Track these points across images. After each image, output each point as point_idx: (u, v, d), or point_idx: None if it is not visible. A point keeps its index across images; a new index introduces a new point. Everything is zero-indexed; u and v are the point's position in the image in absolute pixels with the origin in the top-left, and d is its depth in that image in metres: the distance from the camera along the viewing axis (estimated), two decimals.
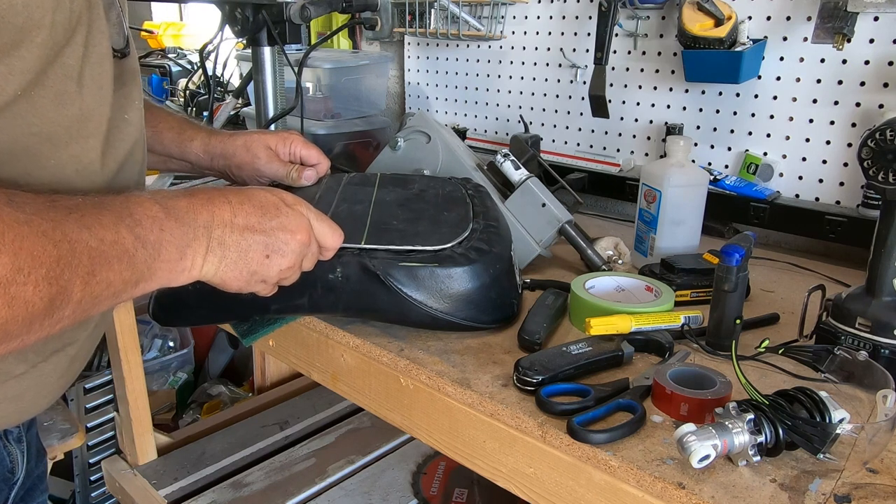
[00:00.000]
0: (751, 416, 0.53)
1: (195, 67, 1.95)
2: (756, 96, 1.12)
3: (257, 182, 0.92)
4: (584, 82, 1.32)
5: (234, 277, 0.59)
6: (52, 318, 0.45)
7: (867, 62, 1.00)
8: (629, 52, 1.26)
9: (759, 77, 1.11)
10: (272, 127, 1.26)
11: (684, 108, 1.22)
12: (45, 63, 0.50)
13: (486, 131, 1.54)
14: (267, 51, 1.26)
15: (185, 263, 0.54)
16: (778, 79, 1.09)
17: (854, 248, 1.03)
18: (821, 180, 1.08)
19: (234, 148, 0.90)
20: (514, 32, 1.43)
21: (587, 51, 1.31)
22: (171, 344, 1.92)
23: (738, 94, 1.14)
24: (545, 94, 1.41)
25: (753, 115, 1.13)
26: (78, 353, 0.64)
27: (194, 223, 0.55)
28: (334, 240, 0.67)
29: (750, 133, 1.15)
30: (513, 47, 1.44)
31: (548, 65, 1.39)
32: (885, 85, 0.99)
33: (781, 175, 1.12)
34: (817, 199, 1.09)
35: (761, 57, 1.10)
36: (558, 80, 1.38)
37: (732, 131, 1.17)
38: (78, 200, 0.48)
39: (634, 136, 1.30)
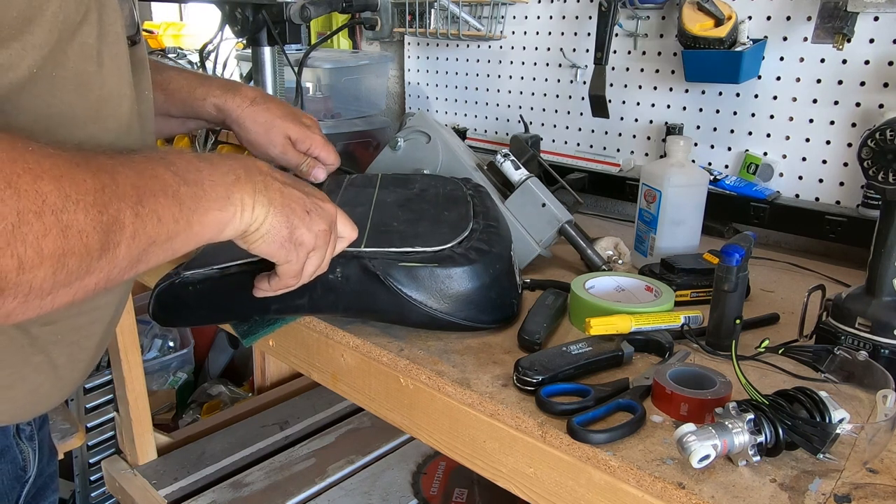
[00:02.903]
0: (751, 416, 0.53)
1: (195, 67, 1.95)
2: (756, 96, 1.12)
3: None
4: (584, 82, 1.32)
5: (281, 225, 0.56)
6: (109, 256, 0.43)
7: (867, 62, 1.00)
8: (629, 52, 1.26)
9: (759, 77, 1.11)
10: None
11: (684, 108, 1.22)
12: (60, 40, 0.49)
13: (486, 131, 1.54)
14: (267, 51, 1.26)
15: (235, 203, 0.53)
16: (778, 79, 1.09)
17: (854, 248, 1.03)
18: (821, 180, 1.08)
19: (252, 124, 0.87)
20: (514, 32, 1.43)
21: (587, 51, 1.31)
22: (171, 344, 1.93)
23: (738, 94, 1.14)
24: (545, 94, 1.41)
25: (753, 115, 1.13)
26: (92, 346, 0.64)
27: (232, 165, 0.54)
28: (351, 230, 0.66)
29: (750, 133, 1.15)
30: (513, 47, 1.44)
31: (548, 65, 1.39)
32: (885, 85, 0.99)
33: (781, 175, 1.12)
34: (817, 199, 1.09)
35: (761, 57, 1.10)
36: (558, 80, 1.38)
37: (732, 131, 1.17)
38: (103, 148, 0.47)
39: (634, 136, 1.30)
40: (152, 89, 0.84)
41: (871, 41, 0.99)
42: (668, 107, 1.23)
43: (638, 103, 1.27)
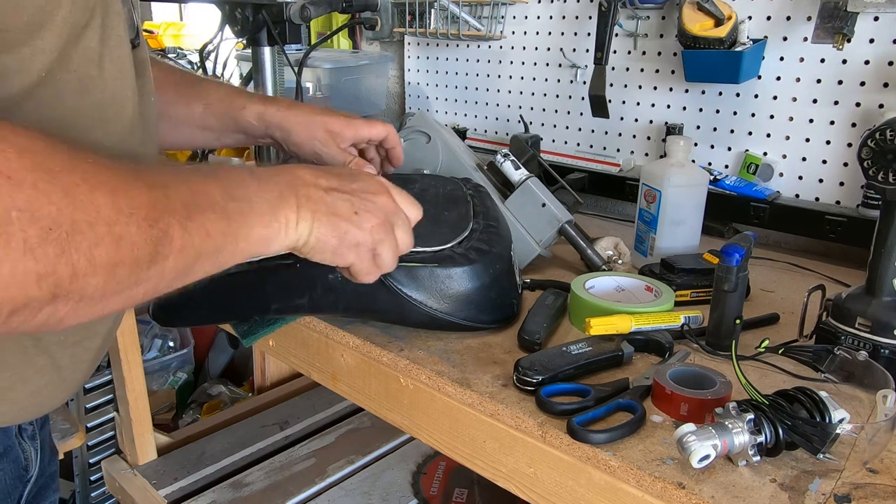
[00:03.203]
0: (751, 416, 0.53)
1: (195, 67, 1.95)
2: (756, 96, 1.12)
3: (314, 163, 0.89)
4: (584, 82, 1.32)
5: (329, 235, 0.57)
6: (157, 268, 0.44)
7: (867, 62, 1.00)
8: (629, 52, 1.26)
9: (759, 77, 1.11)
10: None
11: (684, 108, 1.22)
12: (67, 43, 0.49)
13: (486, 131, 1.54)
14: (267, 51, 1.26)
15: (280, 220, 0.54)
16: (778, 79, 1.09)
17: (854, 248, 1.03)
18: (821, 180, 1.08)
19: (294, 125, 0.87)
20: (514, 32, 1.43)
21: (587, 51, 1.31)
22: (171, 344, 1.93)
23: (738, 94, 1.14)
24: (545, 94, 1.41)
25: (753, 115, 1.14)
26: (95, 347, 0.64)
27: (277, 182, 0.54)
28: (415, 211, 0.65)
29: (750, 133, 1.15)
30: (513, 47, 1.44)
31: (548, 65, 1.39)
32: (885, 85, 0.99)
33: (781, 175, 1.12)
34: (817, 199, 1.09)
35: (761, 57, 1.10)
36: (558, 80, 1.38)
37: (732, 131, 1.17)
38: (153, 162, 0.48)
39: (634, 136, 1.30)
40: (192, 102, 0.85)
41: (871, 41, 0.99)
42: (668, 107, 1.23)
43: (638, 103, 1.27)
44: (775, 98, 1.10)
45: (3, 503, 0.64)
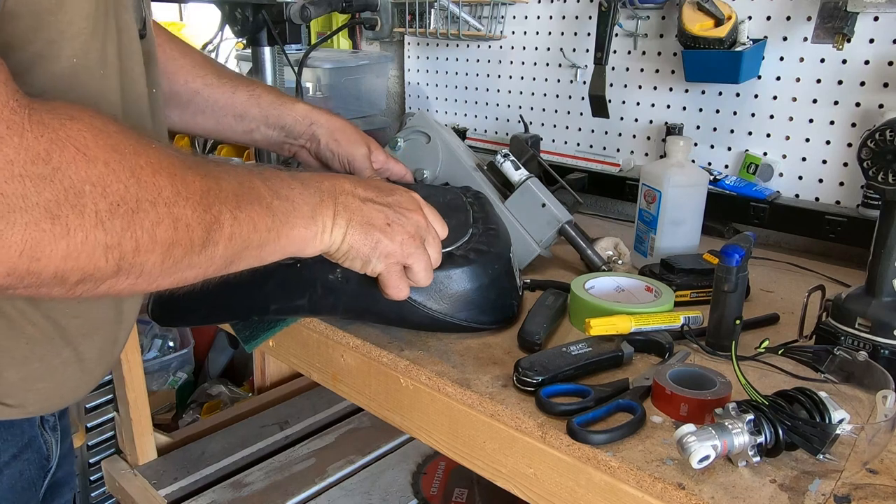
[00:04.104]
0: (750, 416, 0.53)
1: None
2: (756, 96, 1.12)
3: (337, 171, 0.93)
4: (584, 82, 1.32)
5: (361, 243, 0.60)
6: (208, 252, 0.47)
7: (867, 62, 1.00)
8: (629, 52, 1.26)
9: (759, 77, 1.11)
10: None
11: (684, 108, 1.22)
12: (95, 31, 0.51)
13: (486, 131, 1.54)
14: (267, 51, 1.26)
15: (318, 224, 0.57)
16: (778, 79, 1.09)
17: (854, 248, 1.03)
18: (821, 180, 1.08)
19: (337, 129, 0.92)
20: (514, 32, 1.43)
21: (587, 51, 1.31)
22: (171, 344, 1.93)
23: (738, 94, 1.14)
24: (545, 94, 1.41)
25: (753, 115, 1.13)
26: (116, 339, 0.65)
27: (318, 187, 0.58)
28: (443, 229, 0.69)
29: (750, 133, 1.15)
30: (513, 47, 1.44)
31: (548, 65, 1.39)
32: (885, 85, 0.99)
33: (781, 175, 1.12)
34: (817, 199, 1.09)
35: (761, 57, 1.10)
36: (558, 80, 1.38)
37: (732, 131, 1.17)
38: (207, 156, 0.51)
39: (634, 136, 1.30)
40: (238, 88, 0.89)
41: (871, 41, 0.99)
42: (668, 107, 1.23)
43: (638, 103, 1.27)
44: (775, 98, 1.10)
45: (28, 492, 0.66)
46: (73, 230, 0.39)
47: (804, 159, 1.09)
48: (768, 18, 1.08)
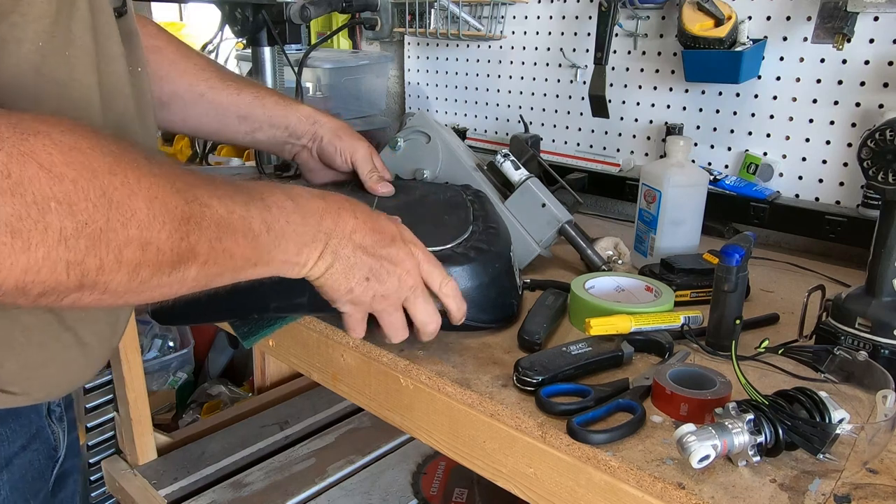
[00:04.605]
0: (750, 416, 0.53)
1: None
2: (756, 96, 1.12)
3: (335, 169, 0.95)
4: (584, 82, 1.32)
5: (337, 285, 0.60)
6: (177, 275, 0.47)
7: (867, 62, 1.00)
8: (629, 52, 1.26)
9: (759, 77, 1.11)
10: None
11: (684, 108, 1.22)
12: (60, 12, 0.50)
13: (486, 131, 1.54)
14: (267, 51, 1.26)
15: (301, 260, 0.57)
16: (778, 79, 1.09)
17: (854, 248, 1.03)
18: (821, 180, 1.08)
19: (340, 130, 0.94)
20: (514, 32, 1.43)
21: (587, 51, 1.31)
22: (171, 344, 1.93)
23: (738, 94, 1.14)
24: (545, 94, 1.41)
25: (753, 115, 1.13)
26: (116, 322, 0.66)
27: (318, 227, 0.58)
28: (444, 281, 0.67)
29: (750, 133, 1.15)
30: (513, 47, 1.44)
31: (548, 65, 1.39)
32: (885, 85, 0.99)
33: (781, 175, 1.12)
34: (817, 199, 1.09)
35: (761, 57, 1.10)
36: (558, 80, 1.38)
37: (732, 131, 1.17)
38: (213, 175, 0.51)
39: (634, 136, 1.30)
40: (243, 89, 0.89)
41: (871, 41, 0.99)
42: (668, 107, 1.23)
43: (638, 103, 1.27)
44: (775, 98, 1.10)
45: (38, 482, 0.66)
46: (35, 246, 0.38)
47: (804, 159, 1.09)
48: (768, 18, 1.08)
